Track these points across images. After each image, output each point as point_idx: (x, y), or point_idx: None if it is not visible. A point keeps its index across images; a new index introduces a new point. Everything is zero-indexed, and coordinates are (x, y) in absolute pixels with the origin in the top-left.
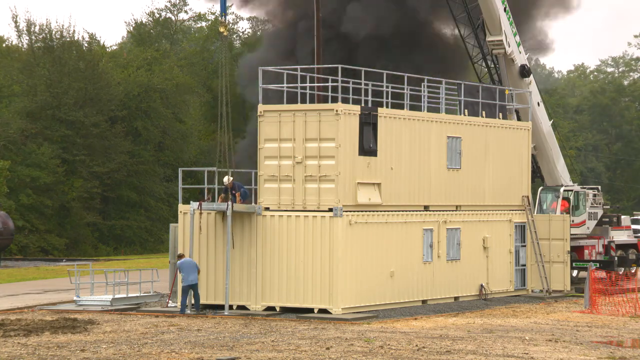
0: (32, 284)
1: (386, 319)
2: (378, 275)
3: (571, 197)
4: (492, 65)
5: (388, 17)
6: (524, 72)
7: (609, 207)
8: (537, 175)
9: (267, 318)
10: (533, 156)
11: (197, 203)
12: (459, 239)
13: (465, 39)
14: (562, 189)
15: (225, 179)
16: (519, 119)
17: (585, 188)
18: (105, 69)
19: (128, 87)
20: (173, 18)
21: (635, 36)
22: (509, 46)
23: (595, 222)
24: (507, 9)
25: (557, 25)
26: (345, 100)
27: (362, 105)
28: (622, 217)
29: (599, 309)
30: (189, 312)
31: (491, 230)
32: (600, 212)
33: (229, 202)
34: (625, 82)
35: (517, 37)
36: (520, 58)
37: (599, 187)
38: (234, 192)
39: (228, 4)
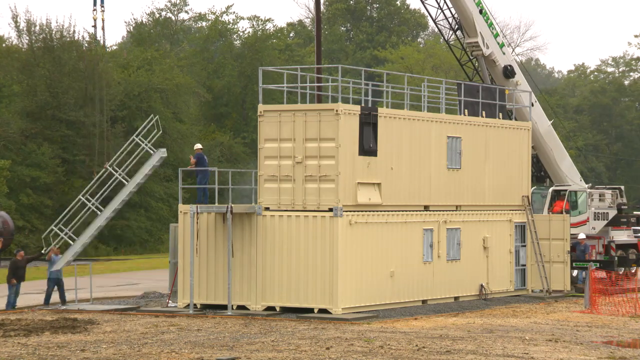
0: (32, 284)
1: (386, 319)
2: (378, 275)
3: (566, 197)
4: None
5: None
6: (507, 72)
7: (626, 207)
8: (546, 176)
9: (267, 318)
10: (538, 157)
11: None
12: (459, 239)
13: (449, 42)
14: (550, 190)
15: (197, 145)
16: (510, 117)
17: (600, 188)
18: (105, 69)
19: (128, 87)
20: (173, 18)
21: (636, 36)
22: (488, 48)
23: (605, 222)
24: (485, 10)
25: (558, 25)
26: (345, 100)
27: (362, 105)
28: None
29: (599, 309)
30: None
31: (491, 230)
32: (612, 213)
33: (229, 205)
34: (626, 82)
35: (500, 39)
36: (504, 59)
37: (622, 187)
38: (205, 159)
39: (229, 3)
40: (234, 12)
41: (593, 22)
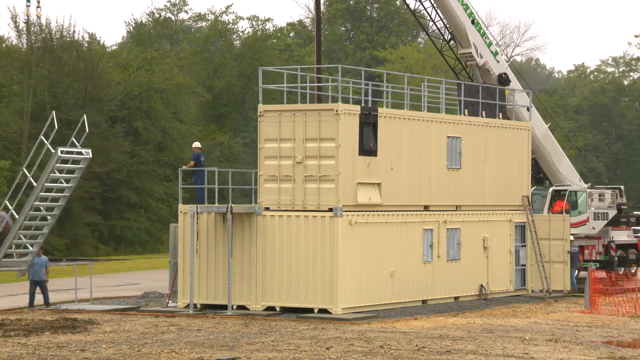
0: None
1: (386, 319)
2: (378, 275)
3: (566, 197)
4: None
5: None
6: (502, 80)
7: (626, 207)
8: (545, 178)
9: (267, 318)
10: (536, 160)
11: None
12: (459, 239)
13: (442, 52)
14: (550, 189)
15: (195, 144)
16: (507, 118)
17: (600, 188)
18: (105, 69)
19: (128, 87)
20: (173, 18)
21: (636, 36)
22: (482, 57)
23: (605, 222)
24: (477, 20)
25: (558, 25)
26: (345, 100)
27: (362, 105)
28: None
29: (599, 309)
30: None
31: (491, 230)
32: (612, 213)
33: (229, 205)
34: (626, 82)
35: (494, 47)
36: (498, 67)
37: (621, 187)
38: (202, 159)
39: (229, 3)
40: (233, 12)
41: (593, 22)
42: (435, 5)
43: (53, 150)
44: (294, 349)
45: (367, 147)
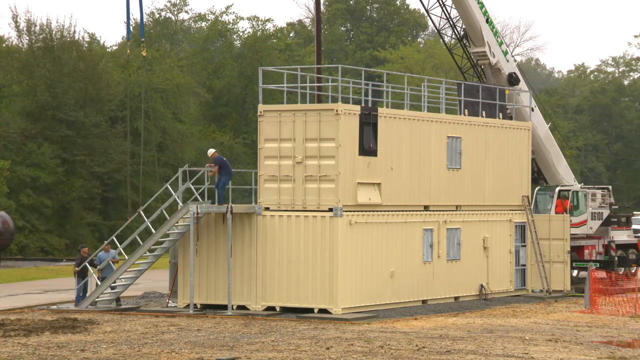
0: (32, 284)
1: (386, 319)
2: (378, 275)
3: (569, 197)
4: (483, 74)
5: None
6: (512, 80)
7: (617, 207)
8: (539, 177)
9: (267, 318)
10: (534, 160)
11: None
12: (459, 239)
13: (451, 50)
14: (557, 189)
15: (209, 152)
16: (510, 118)
17: (591, 188)
18: (105, 69)
19: (128, 87)
20: (173, 18)
21: (636, 36)
22: (494, 56)
23: (600, 222)
24: (490, 19)
25: (558, 24)
26: (345, 100)
27: (362, 105)
28: (634, 217)
29: (599, 309)
30: None
31: (491, 230)
32: (606, 212)
33: (229, 205)
34: (626, 82)
35: (504, 46)
36: (508, 67)
37: (609, 187)
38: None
39: (229, 3)
40: (233, 12)
41: (593, 22)
42: (452, 4)
43: (181, 204)
44: (294, 349)
45: (367, 147)
